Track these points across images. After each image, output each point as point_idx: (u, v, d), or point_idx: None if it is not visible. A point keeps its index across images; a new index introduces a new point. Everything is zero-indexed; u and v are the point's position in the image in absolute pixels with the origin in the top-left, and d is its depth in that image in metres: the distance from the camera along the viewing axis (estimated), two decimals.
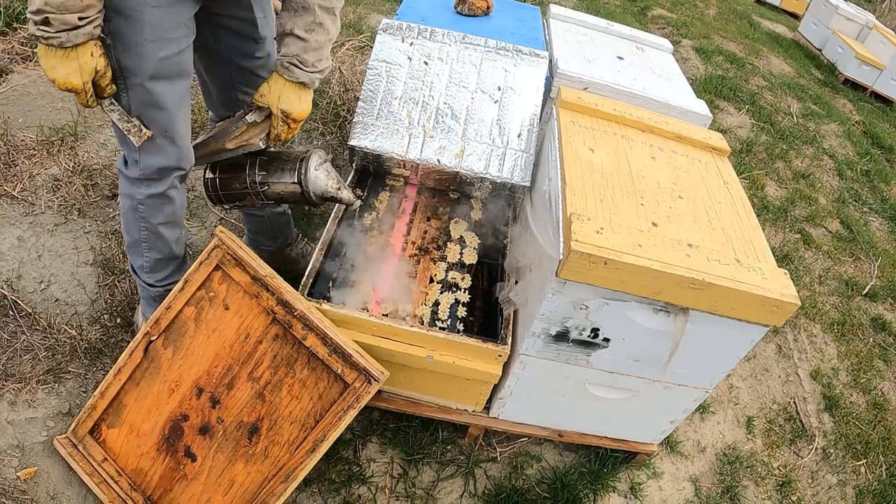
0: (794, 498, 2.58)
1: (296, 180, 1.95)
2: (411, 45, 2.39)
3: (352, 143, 2.25)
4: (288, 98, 1.78)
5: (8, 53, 3.06)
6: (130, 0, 1.54)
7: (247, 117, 1.84)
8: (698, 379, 1.95)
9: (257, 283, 1.79)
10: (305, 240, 2.69)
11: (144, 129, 1.68)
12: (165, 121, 1.74)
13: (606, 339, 1.83)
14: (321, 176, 1.98)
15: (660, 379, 1.95)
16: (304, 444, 1.73)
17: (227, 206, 2.05)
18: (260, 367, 1.79)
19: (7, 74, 2.99)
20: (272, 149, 1.99)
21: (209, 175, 1.98)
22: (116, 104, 1.65)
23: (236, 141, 1.88)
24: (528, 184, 2.25)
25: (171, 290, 1.94)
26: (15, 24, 3.21)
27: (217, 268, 1.83)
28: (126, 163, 1.85)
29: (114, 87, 1.61)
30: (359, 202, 2.14)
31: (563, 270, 1.62)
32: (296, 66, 1.73)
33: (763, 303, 1.65)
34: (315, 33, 1.71)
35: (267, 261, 1.86)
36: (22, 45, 3.12)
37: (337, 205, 2.19)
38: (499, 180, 2.26)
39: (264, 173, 1.96)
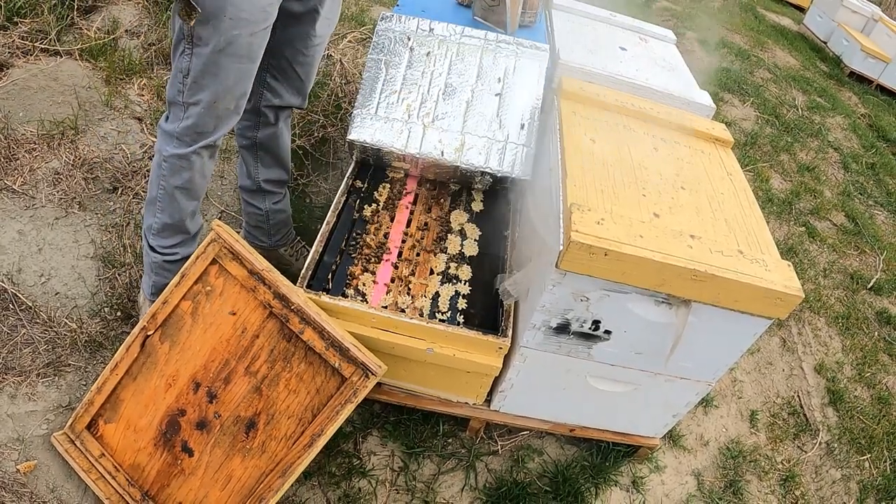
0: (797, 493, 2.56)
1: None
2: (410, 37, 2.37)
3: (350, 137, 2.23)
4: None
5: (9, 48, 3.05)
6: None
7: None
8: (701, 372, 1.93)
9: (254, 276, 1.77)
10: (303, 243, 2.68)
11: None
12: (219, 92, 1.79)
13: (608, 332, 1.81)
14: None
15: (662, 372, 1.93)
16: (302, 438, 1.71)
17: None
18: (257, 361, 1.78)
19: (8, 69, 2.98)
20: None
21: None
22: None
23: None
24: (528, 178, 2.23)
25: (172, 261, 1.99)
26: (15, 19, 3.19)
27: (214, 262, 1.82)
28: (168, 118, 1.88)
29: None
30: None
31: (563, 261, 1.60)
32: None
33: (766, 295, 1.63)
34: None
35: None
36: (22, 39, 3.11)
37: (337, 196, 2.19)
38: (499, 174, 2.24)
39: None
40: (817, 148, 5.12)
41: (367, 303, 1.93)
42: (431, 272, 2.09)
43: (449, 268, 2.11)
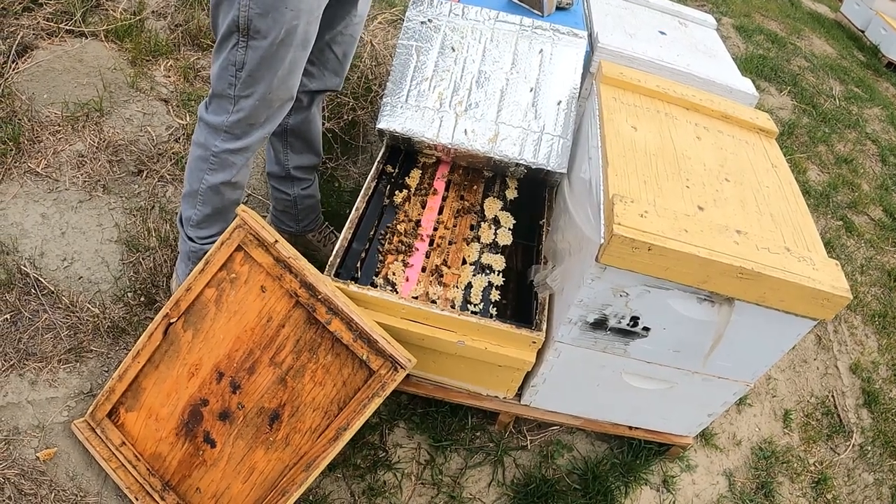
0: (829, 496, 2.49)
1: None
2: (443, 22, 2.30)
3: (380, 126, 2.17)
4: None
5: (33, 29, 3.02)
6: None
7: None
8: (740, 372, 1.86)
9: (280, 264, 1.72)
10: (331, 228, 2.63)
11: None
12: (273, 83, 1.74)
13: (646, 329, 1.74)
14: None
15: (700, 371, 1.86)
16: (327, 432, 1.67)
17: None
18: (282, 351, 1.73)
19: (32, 50, 2.95)
20: None
21: None
22: None
23: None
24: (564, 171, 2.16)
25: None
26: (41, 0, 3.16)
27: (239, 248, 1.77)
28: (207, 107, 1.83)
29: None
30: None
31: (603, 255, 1.53)
32: None
33: (813, 295, 1.55)
34: None
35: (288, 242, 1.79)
36: (47, 21, 3.08)
37: (367, 181, 2.13)
38: (534, 166, 2.17)
39: None
40: (855, 139, 4.97)
41: (396, 293, 1.87)
42: (464, 262, 2.03)
43: (482, 257, 2.05)
